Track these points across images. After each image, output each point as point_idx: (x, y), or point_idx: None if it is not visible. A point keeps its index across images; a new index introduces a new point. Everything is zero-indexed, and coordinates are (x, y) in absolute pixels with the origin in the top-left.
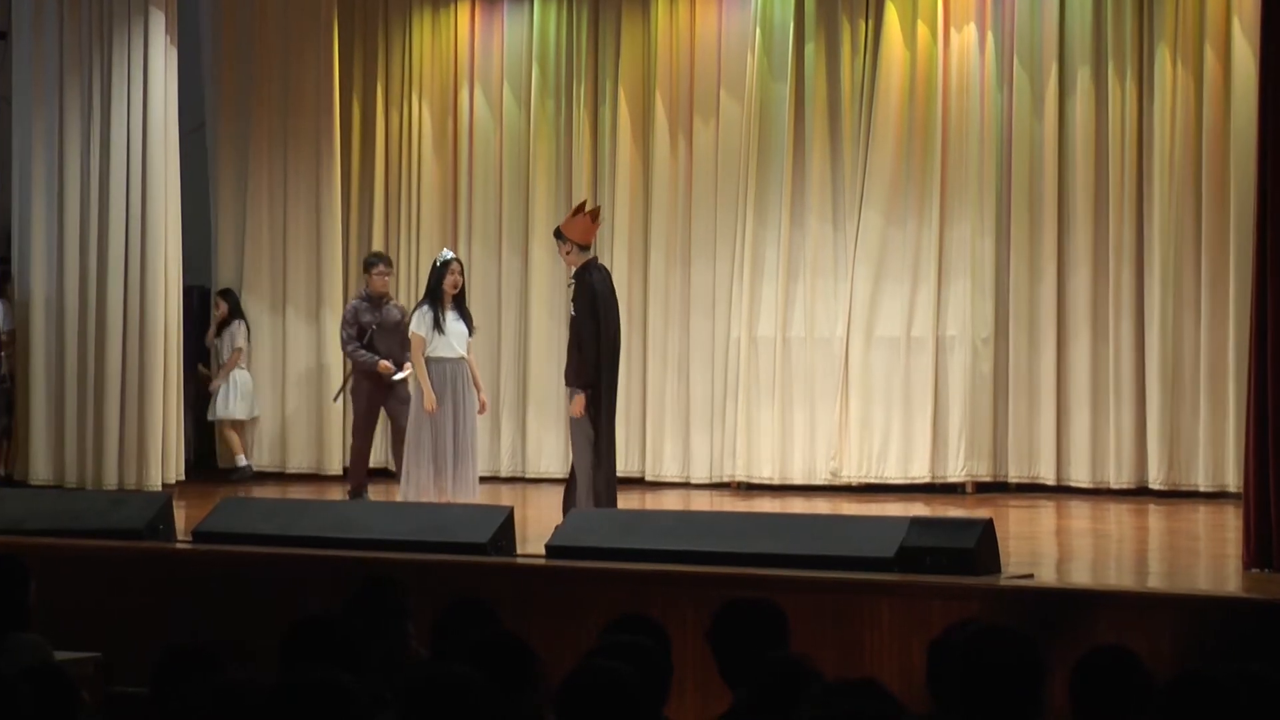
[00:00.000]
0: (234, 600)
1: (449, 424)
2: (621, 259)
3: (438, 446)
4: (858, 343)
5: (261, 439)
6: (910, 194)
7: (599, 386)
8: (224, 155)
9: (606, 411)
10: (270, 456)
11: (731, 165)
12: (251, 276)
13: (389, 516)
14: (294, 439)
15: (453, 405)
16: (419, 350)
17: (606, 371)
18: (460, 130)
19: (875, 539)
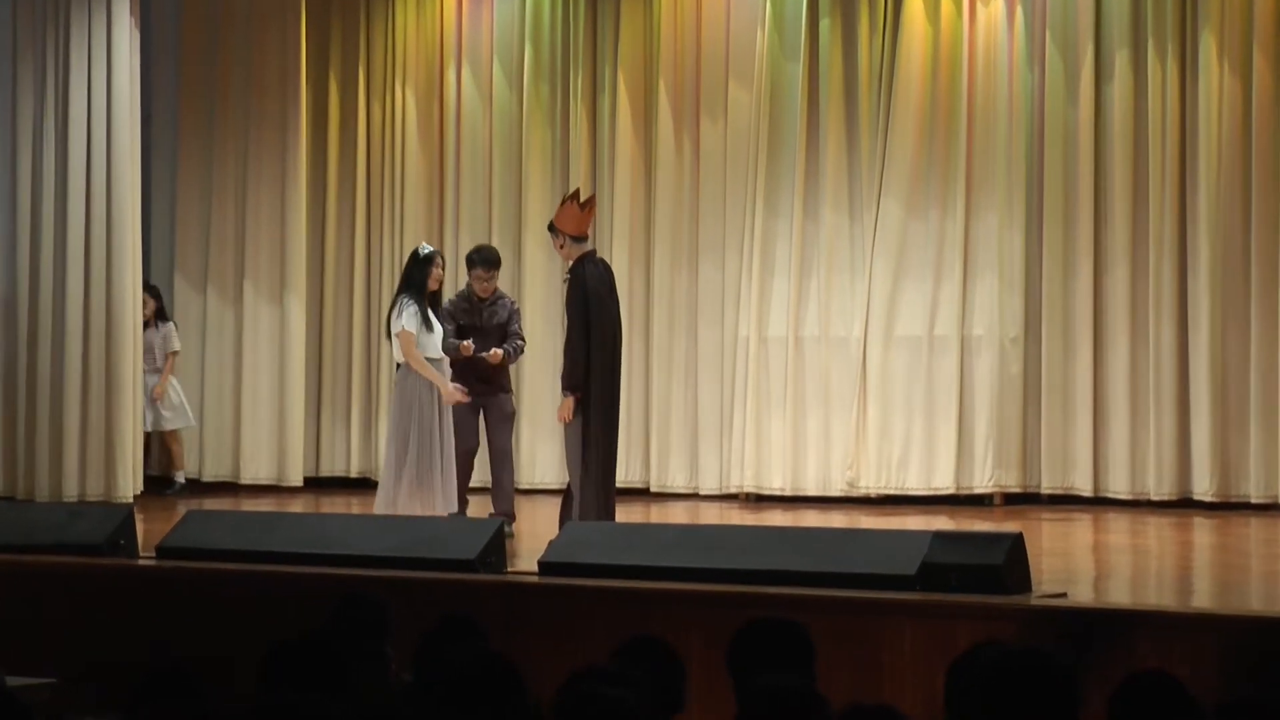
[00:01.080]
0: (202, 621)
1: (434, 432)
2: (622, 257)
3: (420, 456)
4: (876, 343)
5: (215, 446)
6: (933, 182)
7: (590, 390)
8: (185, 143)
9: (600, 418)
10: (221, 465)
11: (740, 152)
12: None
13: (369, 531)
14: (250, 446)
15: (437, 412)
16: (411, 347)
17: (601, 374)
18: (447, 114)
19: (895, 555)
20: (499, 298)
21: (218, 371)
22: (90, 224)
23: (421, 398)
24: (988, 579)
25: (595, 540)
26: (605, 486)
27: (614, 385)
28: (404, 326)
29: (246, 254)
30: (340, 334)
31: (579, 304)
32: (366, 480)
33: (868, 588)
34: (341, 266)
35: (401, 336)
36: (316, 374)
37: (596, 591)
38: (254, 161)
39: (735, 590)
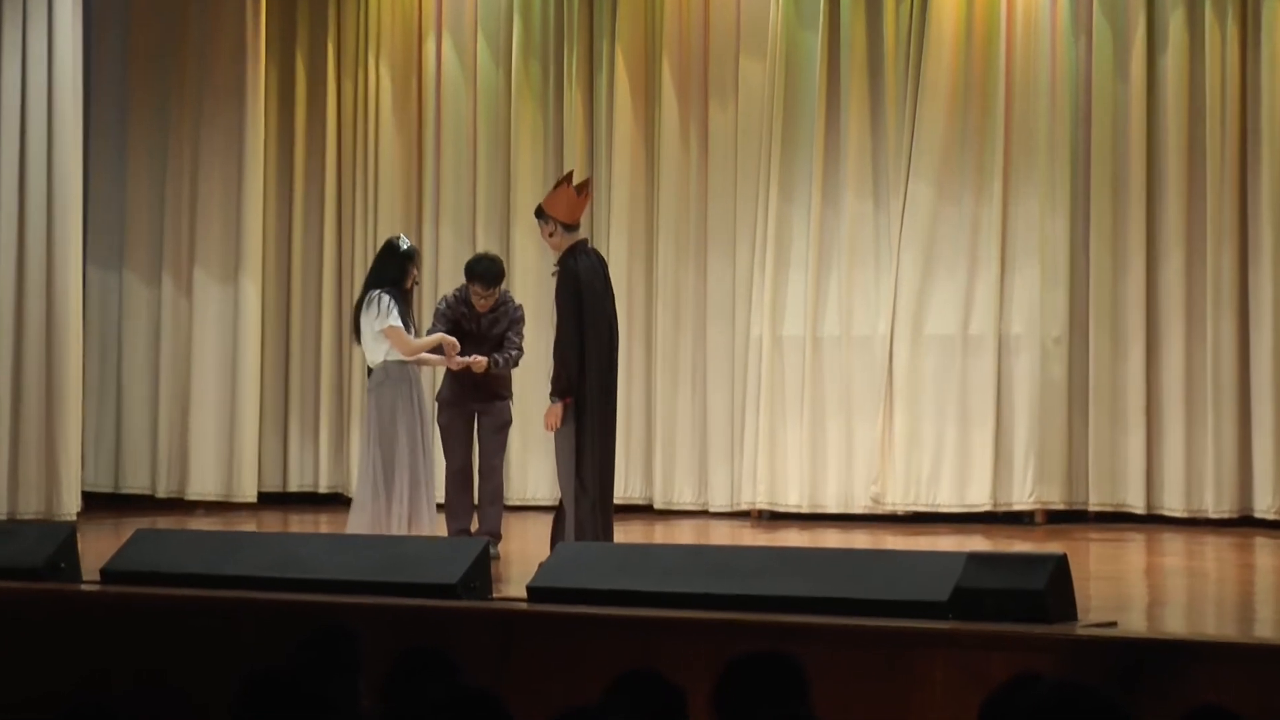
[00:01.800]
0: (152, 652)
1: (408, 444)
2: (621, 250)
3: (397, 470)
4: (904, 343)
5: (164, 455)
6: (967, 164)
7: (583, 395)
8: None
9: (595, 426)
10: (168, 480)
11: (752, 134)
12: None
13: (339, 552)
14: (199, 457)
15: (408, 420)
16: (405, 338)
17: (595, 377)
18: (426, 93)
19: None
20: (503, 302)
21: (170, 371)
22: (26, 210)
23: (401, 404)
24: (1028, 606)
25: (590, 563)
26: (602, 503)
27: (610, 390)
28: (390, 323)
29: (197, 241)
30: (308, 333)
31: (570, 298)
32: (337, 496)
33: (894, 616)
34: (309, 259)
35: (390, 334)
36: (283, 377)
37: (591, 620)
38: (208, 142)
39: (746, 619)
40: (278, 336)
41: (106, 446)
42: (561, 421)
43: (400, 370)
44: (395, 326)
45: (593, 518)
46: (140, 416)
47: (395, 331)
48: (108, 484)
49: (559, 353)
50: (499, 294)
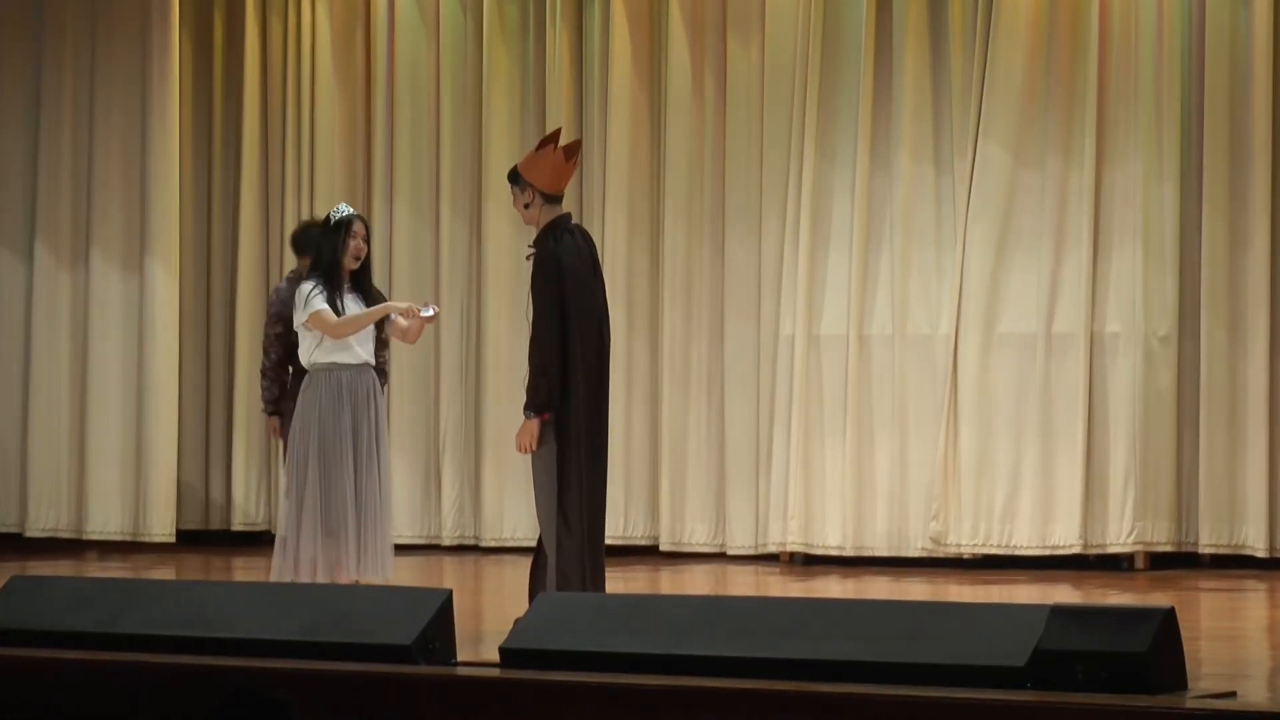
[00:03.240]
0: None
1: (348, 464)
2: (619, 228)
3: (331, 498)
4: (972, 343)
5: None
6: (1051, 118)
7: (567, 410)
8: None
9: (582, 448)
10: (58, 513)
11: (782, 80)
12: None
13: (265, 605)
14: (99, 486)
15: (353, 438)
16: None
17: (582, 387)
18: (375, 39)
19: (998, 639)
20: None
21: (49, 377)
22: None
23: (327, 413)
24: (1127, 672)
25: (578, 619)
26: (591, 544)
27: (600, 403)
28: (312, 310)
29: (94, 223)
30: (224, 334)
31: (550, 288)
32: (266, 535)
33: (960, 684)
34: (227, 245)
35: (314, 321)
36: (204, 389)
37: (579, 690)
38: (103, 87)
39: (774, 688)
40: (197, 337)
41: None
42: (539, 443)
43: (325, 375)
44: (317, 311)
45: (580, 562)
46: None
47: (317, 317)
48: None
49: (536, 357)
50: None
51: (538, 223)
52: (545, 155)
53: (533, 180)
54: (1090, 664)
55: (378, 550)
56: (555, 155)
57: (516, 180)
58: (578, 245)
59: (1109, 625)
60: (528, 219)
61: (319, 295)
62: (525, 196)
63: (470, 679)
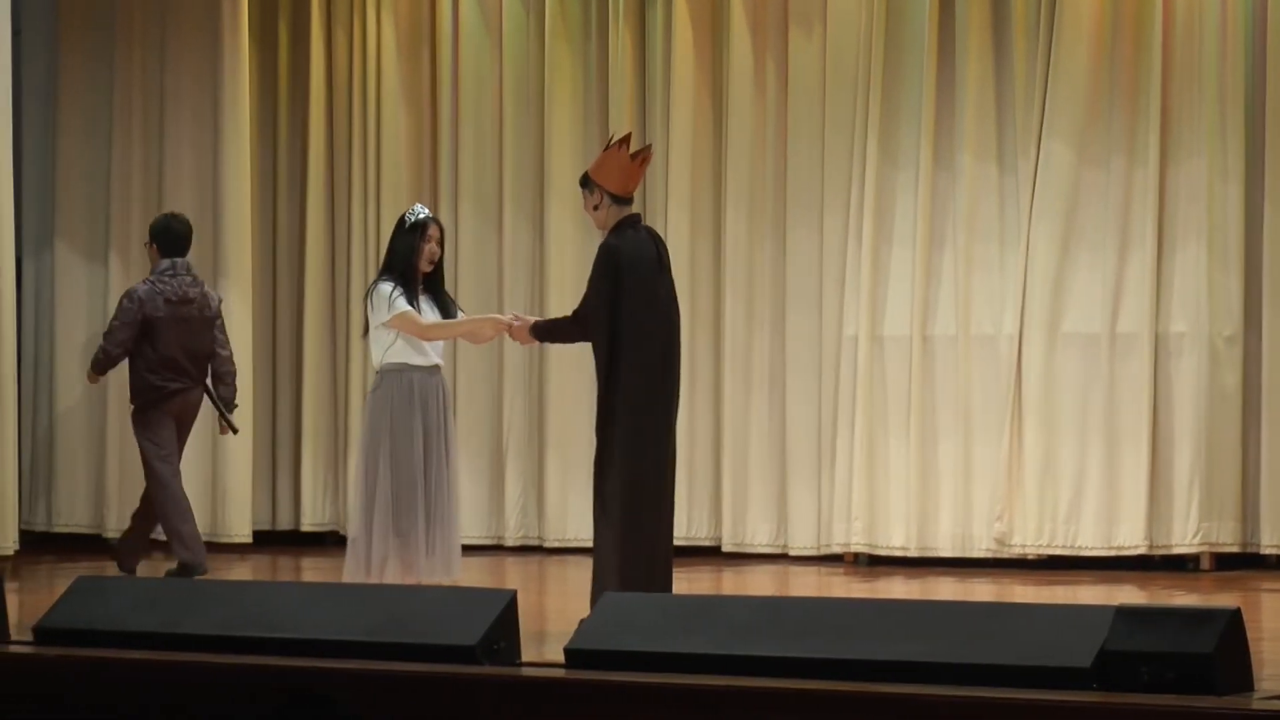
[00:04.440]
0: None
1: (418, 465)
2: (681, 225)
3: (402, 498)
4: (1036, 343)
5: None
6: (1115, 116)
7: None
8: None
9: (626, 442)
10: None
11: (844, 76)
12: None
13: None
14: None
15: (424, 439)
16: (417, 321)
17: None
18: (440, 42)
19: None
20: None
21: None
22: None
23: (399, 414)
24: (1193, 673)
25: (643, 620)
26: (655, 546)
27: (655, 400)
28: (397, 311)
29: None
30: (292, 342)
31: (604, 281)
32: (333, 535)
33: (1025, 685)
34: (294, 254)
35: (401, 320)
36: (270, 395)
37: (643, 690)
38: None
39: (837, 689)
40: (263, 345)
41: (43, 474)
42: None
43: (396, 376)
44: (404, 312)
45: (617, 551)
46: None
47: (404, 318)
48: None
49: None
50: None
51: (605, 224)
52: (613, 156)
53: (602, 182)
54: (1156, 665)
55: (446, 551)
56: (624, 158)
57: (587, 184)
58: (641, 241)
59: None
60: (598, 222)
61: (402, 297)
62: (594, 199)
63: (534, 679)
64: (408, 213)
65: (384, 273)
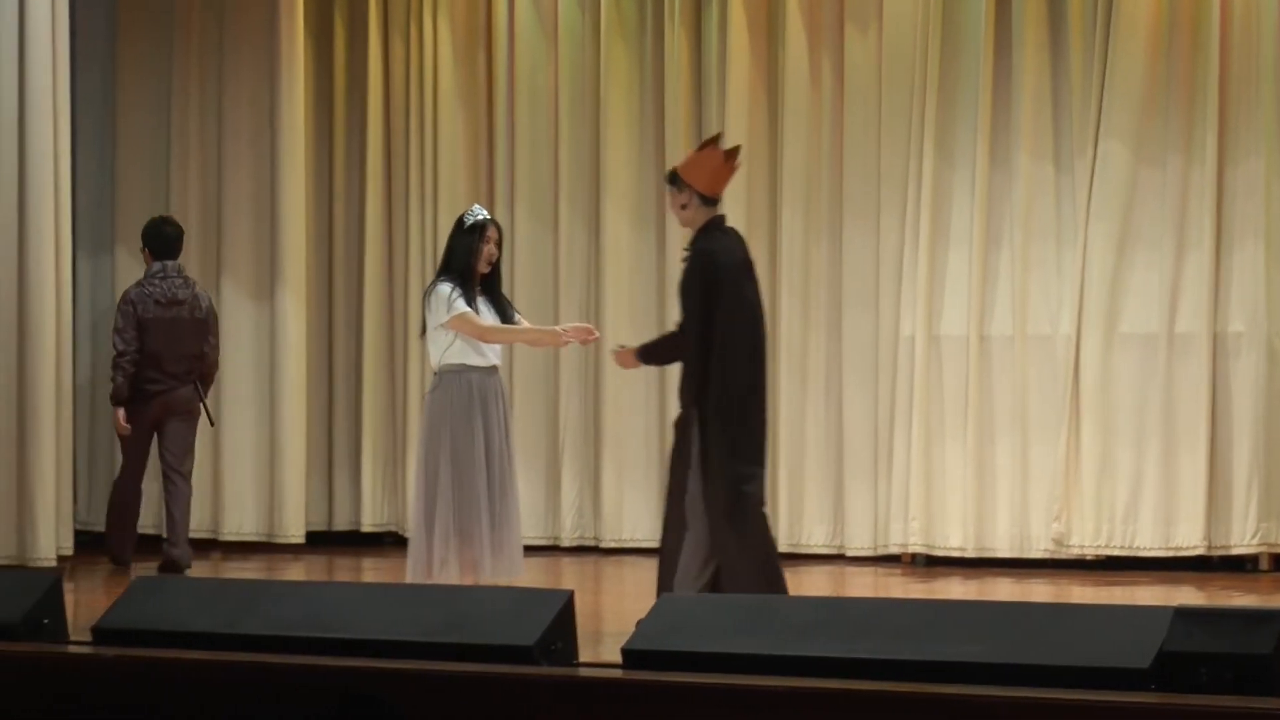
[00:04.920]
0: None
1: (480, 466)
2: (736, 223)
3: (464, 499)
4: (1093, 343)
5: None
6: (1173, 115)
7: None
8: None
9: (722, 441)
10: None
11: (901, 75)
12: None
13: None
14: (233, 491)
15: (485, 440)
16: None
17: (735, 388)
18: (496, 43)
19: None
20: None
21: None
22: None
23: (459, 415)
24: (1252, 674)
25: (700, 620)
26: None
27: (749, 397)
28: (456, 311)
29: (225, 236)
30: (351, 341)
31: (698, 284)
32: (392, 535)
33: (1083, 686)
34: (351, 255)
35: (460, 321)
36: (326, 396)
37: (701, 691)
38: (233, 108)
39: (896, 690)
40: (317, 346)
41: (102, 475)
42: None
43: (455, 377)
44: (464, 313)
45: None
46: None
47: (463, 319)
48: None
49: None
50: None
51: (693, 224)
52: (706, 157)
53: (692, 181)
54: (1214, 666)
55: (509, 551)
56: (717, 158)
57: (675, 181)
58: (732, 246)
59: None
60: (684, 220)
61: (460, 298)
62: (683, 197)
63: (592, 680)
64: (466, 214)
65: (442, 273)
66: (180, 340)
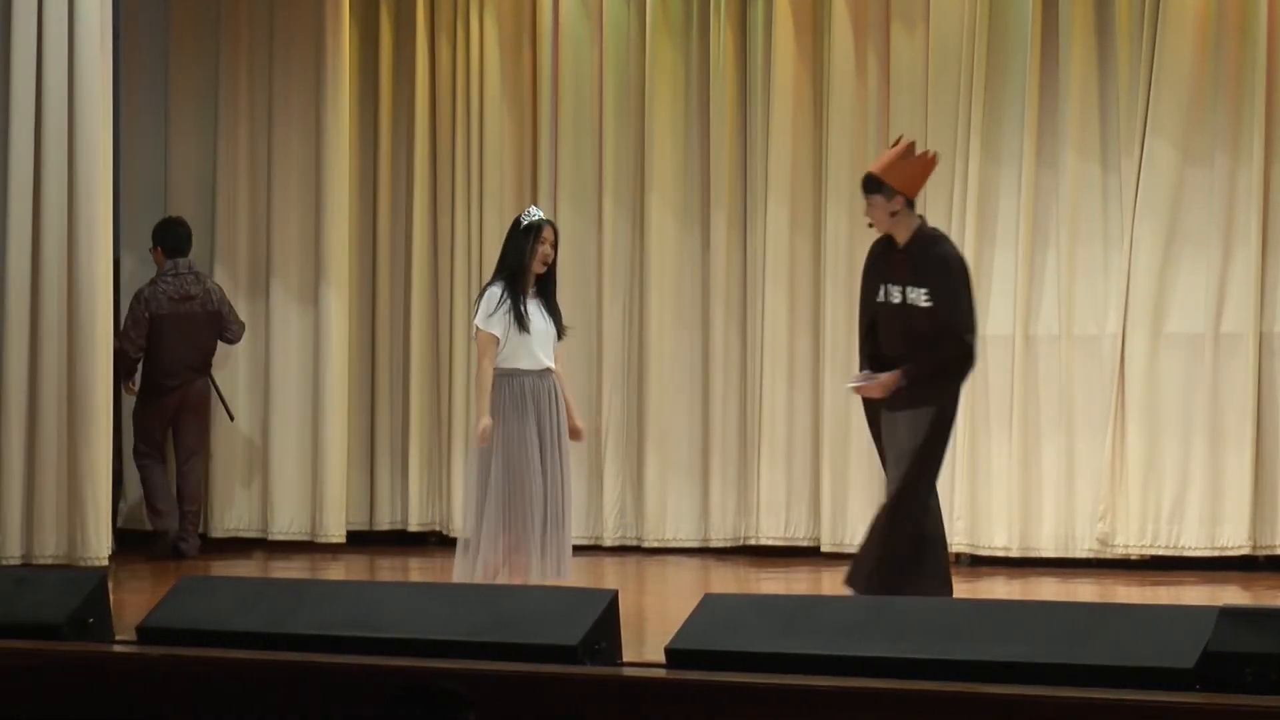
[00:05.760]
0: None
1: (533, 468)
2: (781, 225)
3: (515, 501)
4: (1139, 342)
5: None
6: (1219, 114)
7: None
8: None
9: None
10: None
11: (947, 73)
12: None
13: (430, 605)
14: (278, 490)
15: (539, 442)
16: (484, 353)
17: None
18: (541, 42)
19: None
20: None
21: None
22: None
23: (510, 418)
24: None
25: (744, 620)
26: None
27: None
28: (478, 326)
29: (274, 238)
30: (396, 340)
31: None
32: (435, 535)
33: (1128, 685)
34: (397, 255)
35: (479, 340)
36: (368, 396)
37: (745, 690)
38: (281, 110)
39: (941, 689)
40: (363, 346)
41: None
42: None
43: (507, 381)
44: (485, 334)
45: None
46: None
47: (483, 340)
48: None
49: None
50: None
51: (905, 227)
52: (912, 160)
53: (901, 188)
54: (1260, 666)
55: (559, 553)
56: (919, 161)
57: (879, 188)
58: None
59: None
60: (891, 225)
61: (502, 311)
62: (894, 205)
63: (636, 679)
64: (523, 214)
65: (496, 273)
66: (194, 334)
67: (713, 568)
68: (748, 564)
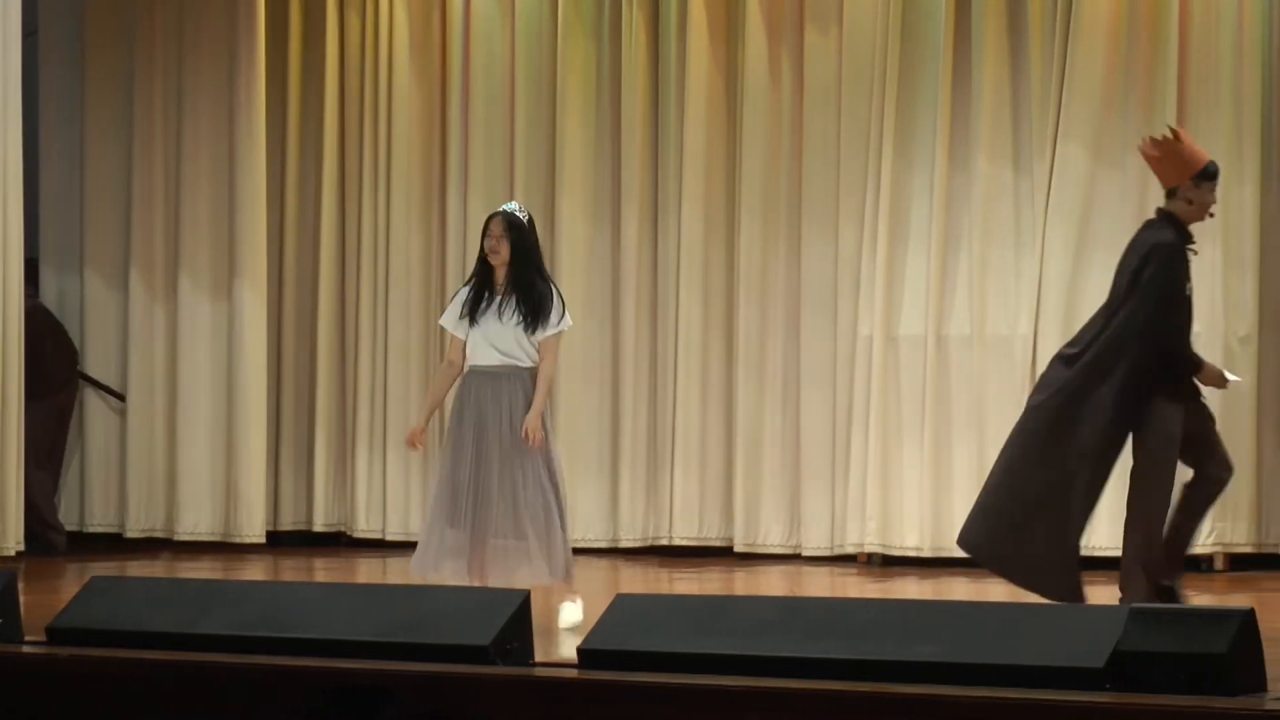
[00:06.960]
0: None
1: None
2: (695, 225)
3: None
4: (1051, 343)
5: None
6: (1131, 118)
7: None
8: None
9: None
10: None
11: (860, 75)
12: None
13: (345, 607)
14: (189, 488)
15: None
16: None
17: None
18: (450, 31)
19: (1077, 640)
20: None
21: (146, 391)
22: None
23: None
24: (1206, 674)
25: (657, 620)
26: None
27: None
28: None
29: (183, 233)
30: (302, 339)
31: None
32: (343, 536)
33: (1038, 685)
34: (305, 250)
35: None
36: (274, 393)
37: (658, 690)
38: (191, 97)
39: (852, 689)
40: (267, 341)
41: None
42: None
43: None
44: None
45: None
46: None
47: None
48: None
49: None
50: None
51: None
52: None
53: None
54: (1169, 665)
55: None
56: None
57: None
58: None
59: (1188, 627)
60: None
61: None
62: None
63: (549, 679)
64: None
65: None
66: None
67: (622, 568)
68: (658, 564)
